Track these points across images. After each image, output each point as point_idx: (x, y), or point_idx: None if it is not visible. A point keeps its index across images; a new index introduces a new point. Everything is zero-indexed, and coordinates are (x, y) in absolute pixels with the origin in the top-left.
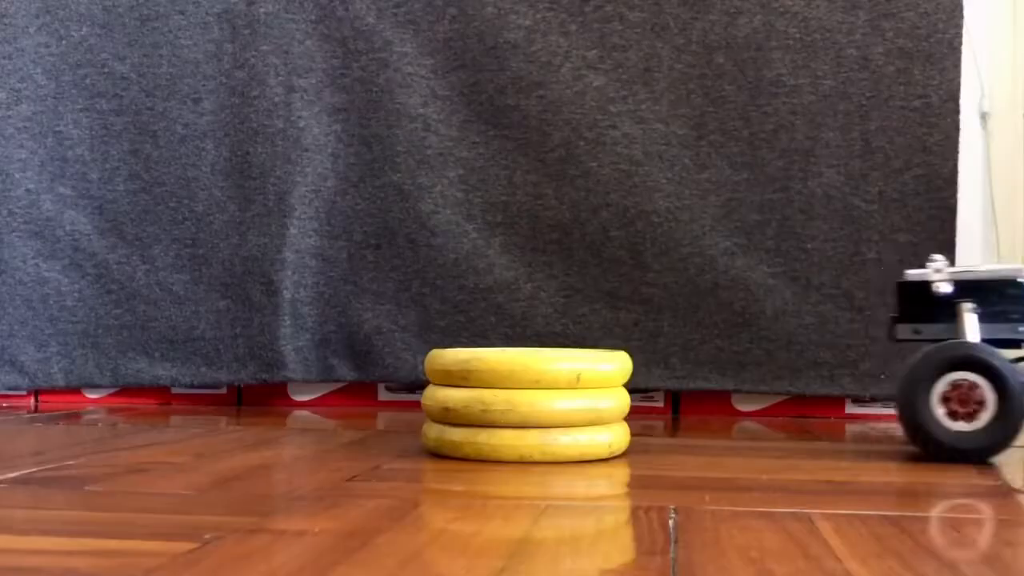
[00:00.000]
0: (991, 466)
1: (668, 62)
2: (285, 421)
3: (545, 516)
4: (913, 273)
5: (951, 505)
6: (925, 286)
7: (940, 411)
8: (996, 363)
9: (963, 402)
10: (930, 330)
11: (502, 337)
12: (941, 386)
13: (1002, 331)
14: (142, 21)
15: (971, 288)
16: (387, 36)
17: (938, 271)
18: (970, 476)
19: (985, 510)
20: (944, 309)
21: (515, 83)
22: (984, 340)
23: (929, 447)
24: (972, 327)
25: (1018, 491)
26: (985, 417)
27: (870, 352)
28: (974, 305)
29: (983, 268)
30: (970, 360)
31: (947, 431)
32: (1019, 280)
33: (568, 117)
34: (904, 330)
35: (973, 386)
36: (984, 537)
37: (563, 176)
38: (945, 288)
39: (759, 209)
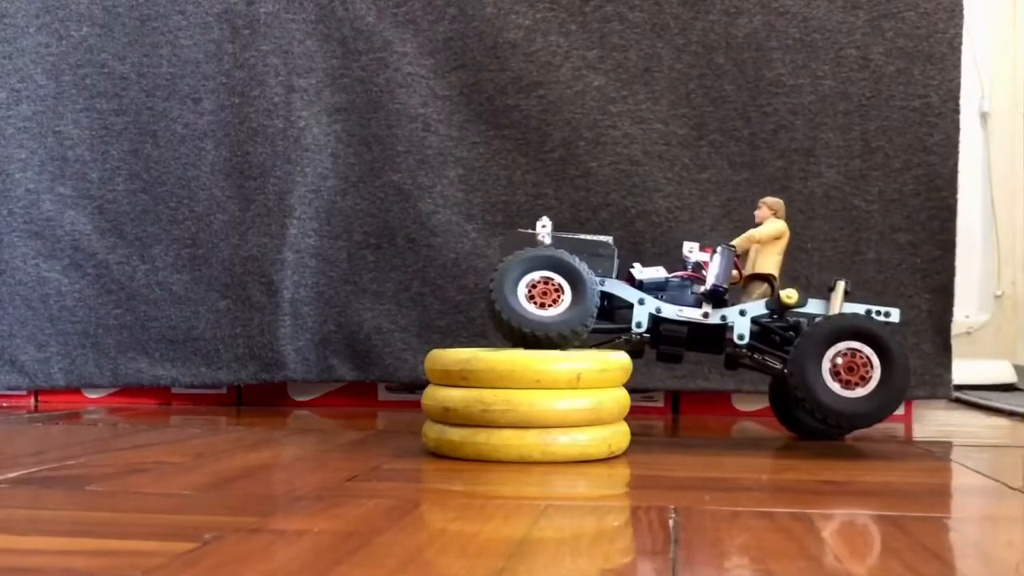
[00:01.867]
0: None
1: (668, 62)
2: (285, 421)
3: (545, 516)
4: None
5: (951, 505)
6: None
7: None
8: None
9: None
10: None
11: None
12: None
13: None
14: (142, 21)
15: (569, 245)
16: (387, 36)
17: (543, 226)
18: (969, 476)
19: (985, 510)
20: None
21: (515, 83)
22: None
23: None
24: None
25: (1018, 491)
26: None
27: None
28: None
29: (581, 234)
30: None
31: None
32: (609, 242)
33: (568, 117)
34: None
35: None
36: (984, 537)
37: (563, 176)
38: (546, 239)
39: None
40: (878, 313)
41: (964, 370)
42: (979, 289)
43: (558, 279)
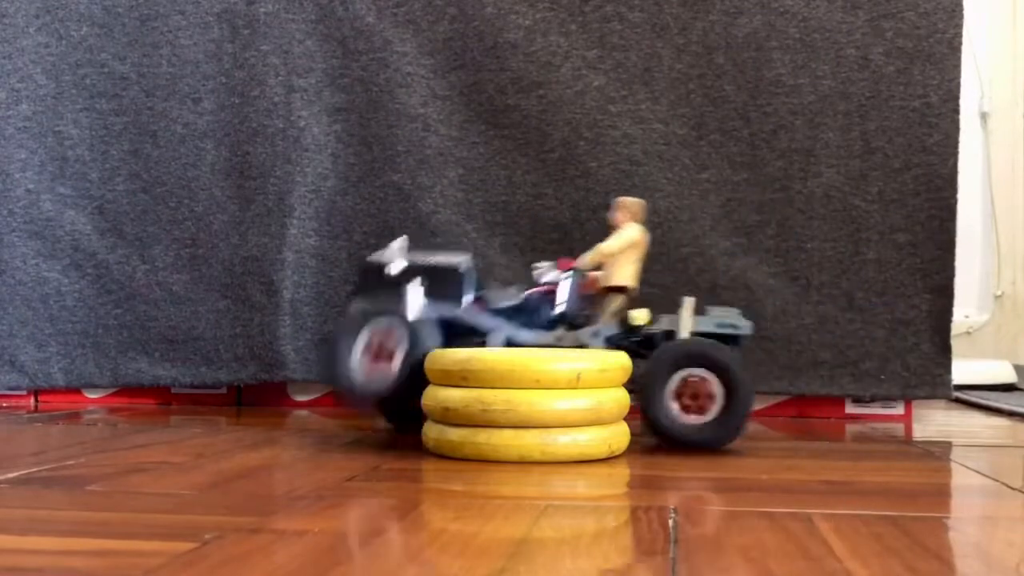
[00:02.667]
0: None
1: (668, 62)
2: (285, 421)
3: (545, 516)
4: (375, 255)
5: (951, 505)
6: (381, 266)
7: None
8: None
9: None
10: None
11: None
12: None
13: (442, 310)
14: (142, 21)
15: (420, 271)
16: (387, 36)
17: (396, 252)
18: (970, 476)
19: (984, 510)
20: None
21: (515, 83)
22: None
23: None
24: (416, 306)
25: (1018, 491)
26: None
27: (870, 352)
28: (422, 285)
29: (435, 255)
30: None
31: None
32: (459, 267)
33: (568, 117)
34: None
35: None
36: (984, 537)
37: (563, 176)
38: (396, 268)
39: (759, 209)
40: (727, 326)
41: (964, 370)
42: (979, 289)
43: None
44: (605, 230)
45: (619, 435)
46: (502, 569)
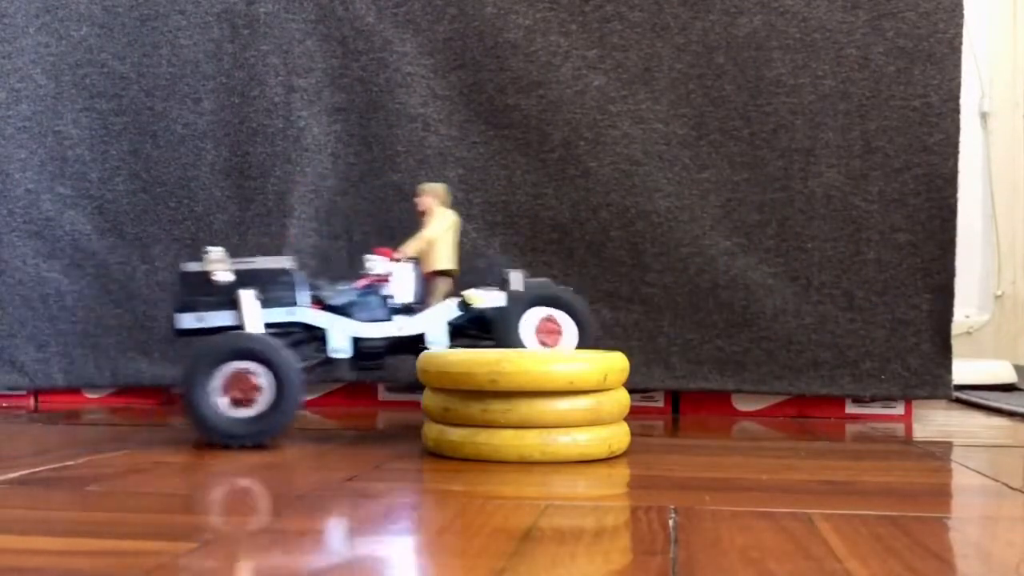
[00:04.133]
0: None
1: (668, 62)
2: None
3: (545, 516)
4: (193, 264)
5: (951, 505)
6: (206, 276)
7: (221, 400)
8: (273, 353)
9: (243, 390)
10: (213, 318)
11: None
12: (220, 376)
13: (279, 315)
14: (142, 21)
15: (249, 277)
16: (387, 36)
17: (218, 261)
18: (970, 477)
19: (985, 510)
20: (225, 297)
21: (515, 83)
22: (267, 324)
23: (210, 434)
24: (254, 313)
25: (1018, 491)
26: (263, 403)
27: (870, 352)
28: (255, 292)
29: (258, 259)
30: (248, 351)
31: (227, 418)
32: (289, 269)
33: (568, 117)
34: (188, 319)
35: (251, 374)
36: (984, 537)
37: (563, 176)
38: (225, 277)
39: (759, 209)
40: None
41: (964, 370)
42: (979, 289)
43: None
44: (605, 230)
45: (619, 435)
46: (502, 569)
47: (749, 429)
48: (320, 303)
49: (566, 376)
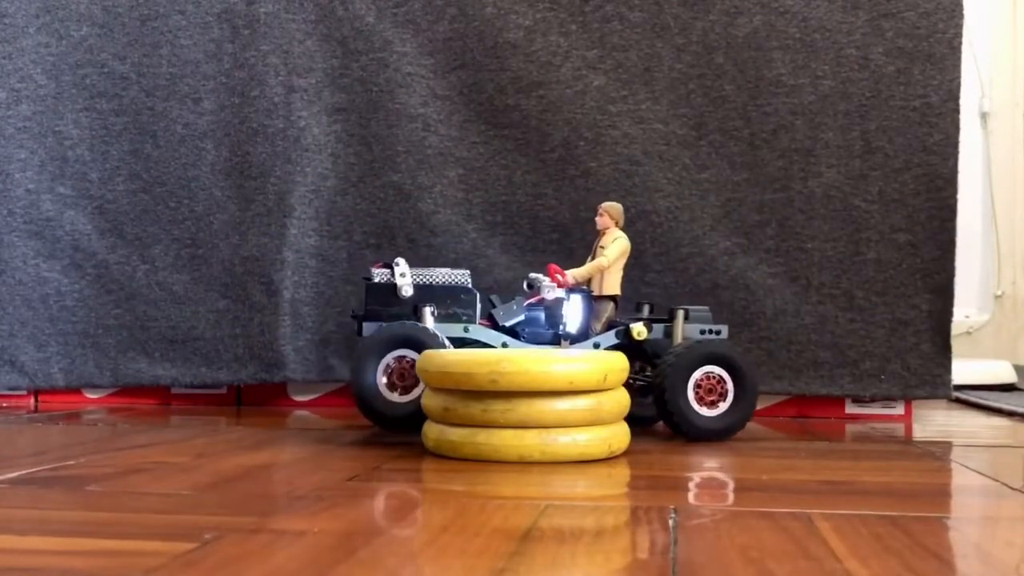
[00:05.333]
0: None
1: (668, 62)
2: (285, 421)
3: (545, 516)
4: (381, 272)
5: (951, 505)
6: (391, 287)
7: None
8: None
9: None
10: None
11: None
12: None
13: (455, 331)
14: (142, 21)
15: (430, 293)
16: (387, 36)
17: (402, 275)
18: (970, 477)
19: (985, 510)
20: (408, 310)
21: (515, 83)
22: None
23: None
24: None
25: (1018, 491)
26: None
27: (870, 352)
28: (434, 308)
29: (439, 272)
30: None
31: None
32: (470, 288)
33: (568, 117)
34: (370, 328)
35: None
36: (984, 537)
37: (563, 176)
38: (408, 291)
39: (759, 209)
40: (708, 332)
41: (964, 370)
42: (979, 289)
43: None
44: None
45: (619, 435)
46: (502, 569)
47: (749, 429)
48: (491, 320)
49: (566, 376)
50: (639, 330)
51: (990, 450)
